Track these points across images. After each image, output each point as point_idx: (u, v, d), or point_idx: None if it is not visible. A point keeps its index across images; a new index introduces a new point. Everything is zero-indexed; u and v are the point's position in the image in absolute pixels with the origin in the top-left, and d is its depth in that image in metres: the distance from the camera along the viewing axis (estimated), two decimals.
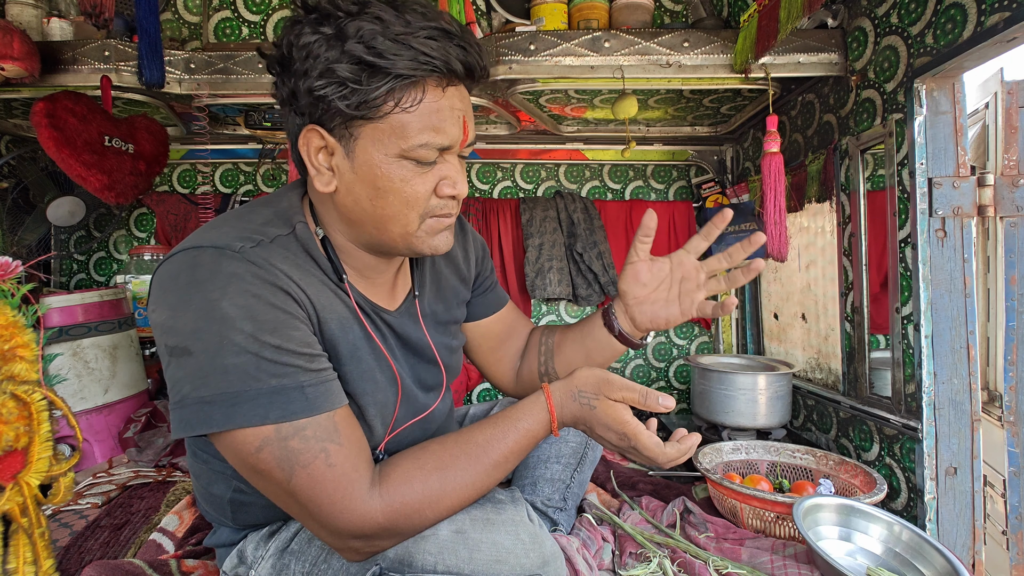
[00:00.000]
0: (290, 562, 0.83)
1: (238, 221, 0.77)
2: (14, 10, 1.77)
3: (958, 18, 1.19)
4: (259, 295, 0.70)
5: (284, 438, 0.69)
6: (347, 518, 0.70)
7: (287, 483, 0.69)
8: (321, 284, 0.79)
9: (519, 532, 0.75)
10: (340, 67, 0.69)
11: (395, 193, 0.75)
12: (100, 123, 1.74)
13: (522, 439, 0.80)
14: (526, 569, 0.73)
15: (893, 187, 1.40)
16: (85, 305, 1.68)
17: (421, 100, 0.72)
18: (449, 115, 0.74)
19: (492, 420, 0.81)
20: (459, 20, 1.65)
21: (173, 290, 0.70)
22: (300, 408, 0.69)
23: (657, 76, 1.67)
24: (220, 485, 0.88)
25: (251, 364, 0.68)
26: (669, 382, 2.54)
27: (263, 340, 0.68)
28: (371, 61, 0.68)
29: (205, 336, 0.68)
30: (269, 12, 2.24)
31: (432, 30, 0.70)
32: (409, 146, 0.73)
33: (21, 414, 0.82)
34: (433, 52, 0.70)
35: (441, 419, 1.01)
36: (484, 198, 2.45)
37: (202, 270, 0.69)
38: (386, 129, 0.72)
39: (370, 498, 0.71)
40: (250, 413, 0.67)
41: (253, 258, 0.71)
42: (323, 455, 0.70)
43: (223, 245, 0.71)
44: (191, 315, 0.68)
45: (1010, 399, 1.29)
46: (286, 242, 0.77)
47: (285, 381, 0.69)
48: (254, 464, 0.70)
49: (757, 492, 1.24)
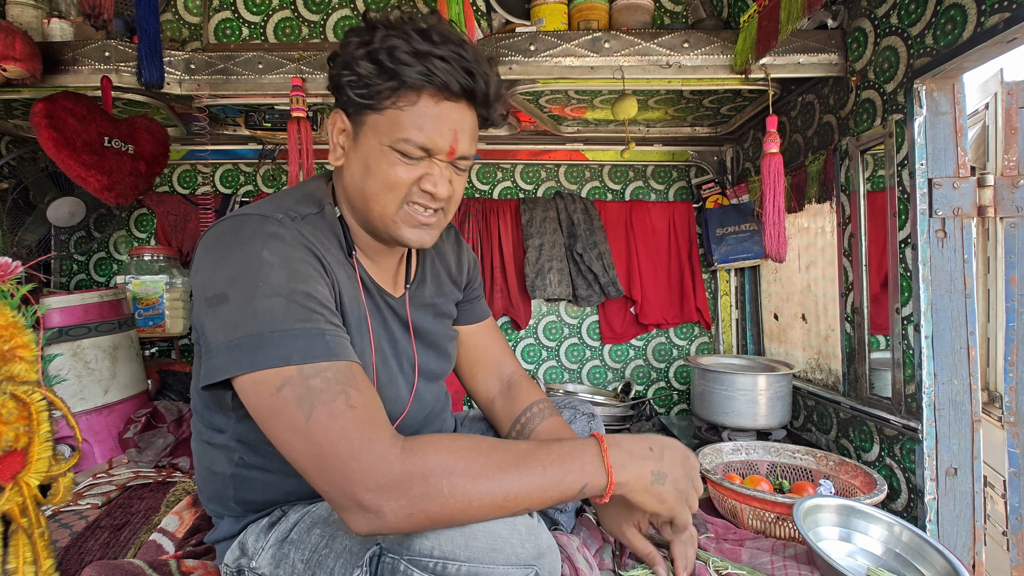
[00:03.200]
0: (290, 551, 0.84)
1: (275, 200, 0.89)
2: (14, 11, 1.77)
3: (958, 19, 1.19)
4: (296, 252, 0.80)
5: (306, 377, 0.72)
6: (364, 461, 0.69)
7: (305, 422, 0.70)
8: (339, 263, 0.89)
9: (516, 523, 0.74)
10: (360, 64, 0.83)
11: (380, 175, 0.86)
12: (99, 124, 1.74)
13: (566, 454, 0.78)
14: (521, 559, 0.73)
15: (893, 188, 1.40)
16: (85, 306, 1.68)
17: (416, 103, 0.84)
18: (437, 123, 0.85)
19: (539, 440, 0.83)
20: (459, 25, 1.66)
21: (216, 247, 0.80)
22: (321, 352, 0.74)
23: (657, 77, 1.67)
24: (222, 462, 0.92)
25: (280, 306, 0.74)
26: (669, 382, 2.54)
27: (295, 287, 0.76)
28: (385, 64, 0.82)
29: (242, 281, 0.75)
30: (269, 13, 2.24)
31: (448, 53, 0.83)
32: (396, 138, 0.84)
33: (21, 414, 0.82)
34: (437, 70, 0.82)
35: (433, 406, 1.06)
36: (484, 198, 2.45)
37: (247, 229, 0.80)
38: (384, 121, 0.85)
39: (391, 445, 0.71)
40: (273, 355, 0.72)
41: (290, 227, 0.82)
42: (343, 396, 0.72)
43: (266, 214, 0.82)
44: (232, 265, 0.77)
45: (1010, 400, 1.29)
46: (315, 220, 0.89)
47: (309, 326, 0.75)
48: (272, 404, 0.71)
49: (757, 493, 1.24)
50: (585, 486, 0.78)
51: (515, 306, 2.41)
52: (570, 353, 2.53)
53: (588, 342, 2.53)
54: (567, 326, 2.53)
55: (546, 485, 0.75)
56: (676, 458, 0.86)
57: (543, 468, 0.75)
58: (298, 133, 1.70)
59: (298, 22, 2.24)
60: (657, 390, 2.53)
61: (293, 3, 2.24)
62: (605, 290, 2.36)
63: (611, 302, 2.45)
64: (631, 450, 0.83)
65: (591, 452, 0.80)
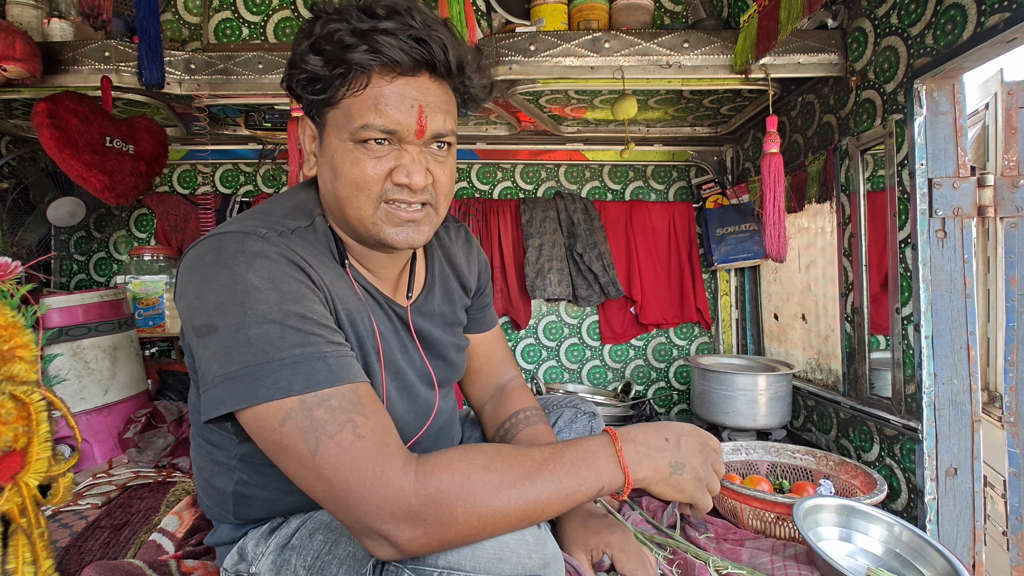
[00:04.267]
0: (291, 557, 0.82)
1: (260, 214, 0.82)
2: (14, 11, 1.77)
3: (958, 19, 1.19)
4: (284, 270, 0.74)
5: (309, 408, 0.68)
6: (378, 493, 0.66)
7: (313, 457, 0.67)
8: (337, 276, 0.83)
9: (524, 533, 0.73)
10: (306, 59, 0.77)
11: (347, 175, 0.80)
12: (101, 124, 1.74)
13: (581, 460, 0.75)
14: (527, 569, 0.72)
15: (893, 188, 1.39)
16: (85, 306, 1.67)
17: (366, 85, 0.77)
18: (395, 101, 0.78)
19: (553, 444, 0.79)
20: (459, 25, 1.66)
21: (198, 270, 0.74)
22: (324, 378, 0.69)
23: (657, 77, 1.67)
24: (222, 478, 0.89)
25: (275, 333, 0.69)
26: (669, 383, 2.54)
27: (287, 309, 0.71)
28: (328, 52, 0.76)
29: (229, 309, 0.70)
30: (269, 13, 2.24)
31: (393, 25, 0.75)
32: (354, 127, 0.78)
33: (20, 414, 0.82)
34: (381, 45, 0.75)
35: (445, 416, 1.03)
36: (484, 198, 2.45)
37: (228, 249, 0.73)
38: (340, 115, 0.79)
39: (404, 474, 0.67)
40: (273, 386, 0.68)
41: (276, 243, 0.76)
42: (350, 425, 0.68)
43: (248, 231, 0.76)
44: (216, 290, 0.71)
45: (1010, 399, 1.29)
46: (305, 234, 0.83)
47: (308, 350, 0.70)
48: (278, 440, 0.68)
49: (757, 493, 1.24)
50: (602, 488, 0.76)
51: (515, 306, 2.41)
52: (570, 353, 2.53)
53: (588, 342, 2.53)
54: (567, 326, 2.53)
55: (562, 495, 0.73)
56: (693, 446, 0.84)
57: (558, 479, 0.73)
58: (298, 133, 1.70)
59: (298, 22, 2.24)
60: (657, 390, 2.53)
61: (293, 3, 2.24)
62: (605, 290, 2.36)
63: (611, 302, 2.45)
64: (647, 443, 0.81)
65: (605, 453, 0.77)
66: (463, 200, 2.40)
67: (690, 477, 0.82)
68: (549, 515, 0.73)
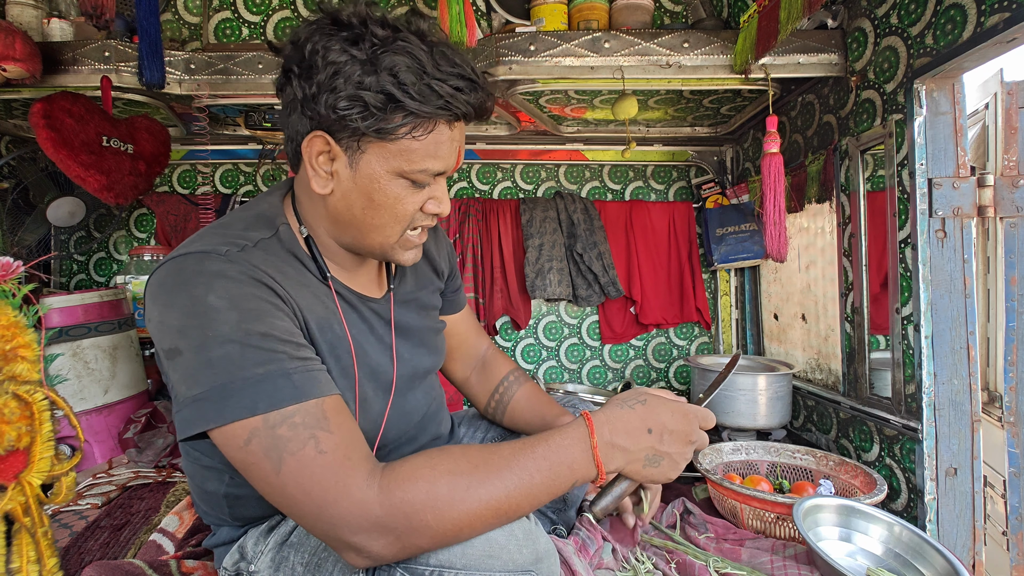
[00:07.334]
0: (289, 554, 0.83)
1: (221, 229, 0.82)
2: (14, 10, 1.77)
3: (958, 19, 1.20)
4: (244, 288, 0.74)
5: (272, 427, 0.68)
6: (342, 507, 0.67)
7: (276, 474, 0.68)
8: (302, 285, 0.83)
9: (513, 528, 0.73)
10: (368, 95, 0.74)
11: (388, 208, 0.82)
12: (98, 123, 1.74)
13: (552, 455, 0.75)
14: (519, 565, 0.71)
15: (893, 188, 1.40)
16: (85, 306, 1.68)
17: (431, 131, 0.79)
18: (449, 146, 0.82)
19: (524, 438, 0.79)
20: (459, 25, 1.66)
21: (160, 294, 0.74)
22: (287, 395, 0.70)
23: (657, 77, 1.68)
24: (213, 481, 0.89)
25: (236, 353, 0.70)
26: (669, 383, 2.54)
27: (248, 328, 0.71)
28: (399, 99, 0.74)
29: (191, 332, 0.70)
30: (269, 13, 2.24)
31: (458, 79, 0.77)
32: (411, 169, 0.80)
33: (23, 414, 0.83)
34: (453, 100, 0.77)
35: (430, 407, 1.04)
36: (484, 198, 2.45)
37: (187, 272, 0.74)
38: (394, 150, 0.79)
39: (367, 487, 0.68)
40: (238, 406, 0.68)
41: (237, 260, 0.76)
42: (312, 442, 0.68)
43: (208, 250, 0.76)
44: (177, 314, 0.72)
45: (1010, 399, 1.29)
46: (268, 245, 0.82)
47: (271, 368, 0.70)
48: (244, 459, 0.69)
49: (757, 493, 1.24)
50: (576, 482, 0.77)
51: (515, 306, 2.41)
52: (570, 353, 2.53)
53: (588, 342, 2.53)
54: (567, 326, 2.53)
55: (534, 492, 0.73)
56: (678, 439, 0.84)
57: (529, 474, 0.73)
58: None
59: (298, 22, 2.24)
60: (657, 391, 2.53)
61: (293, 3, 2.24)
62: (605, 290, 2.36)
63: (611, 302, 2.45)
64: (627, 432, 0.81)
65: (580, 448, 0.77)
66: (463, 200, 2.40)
67: (665, 468, 0.84)
68: (525, 511, 0.73)
